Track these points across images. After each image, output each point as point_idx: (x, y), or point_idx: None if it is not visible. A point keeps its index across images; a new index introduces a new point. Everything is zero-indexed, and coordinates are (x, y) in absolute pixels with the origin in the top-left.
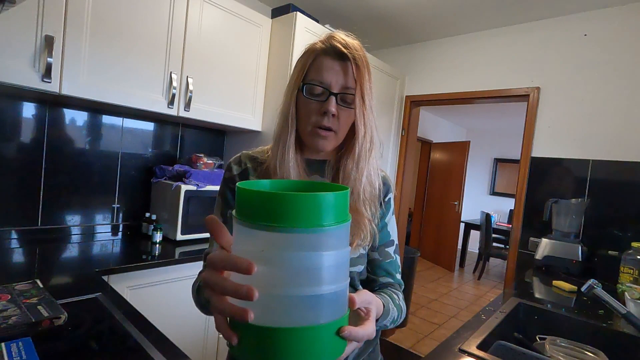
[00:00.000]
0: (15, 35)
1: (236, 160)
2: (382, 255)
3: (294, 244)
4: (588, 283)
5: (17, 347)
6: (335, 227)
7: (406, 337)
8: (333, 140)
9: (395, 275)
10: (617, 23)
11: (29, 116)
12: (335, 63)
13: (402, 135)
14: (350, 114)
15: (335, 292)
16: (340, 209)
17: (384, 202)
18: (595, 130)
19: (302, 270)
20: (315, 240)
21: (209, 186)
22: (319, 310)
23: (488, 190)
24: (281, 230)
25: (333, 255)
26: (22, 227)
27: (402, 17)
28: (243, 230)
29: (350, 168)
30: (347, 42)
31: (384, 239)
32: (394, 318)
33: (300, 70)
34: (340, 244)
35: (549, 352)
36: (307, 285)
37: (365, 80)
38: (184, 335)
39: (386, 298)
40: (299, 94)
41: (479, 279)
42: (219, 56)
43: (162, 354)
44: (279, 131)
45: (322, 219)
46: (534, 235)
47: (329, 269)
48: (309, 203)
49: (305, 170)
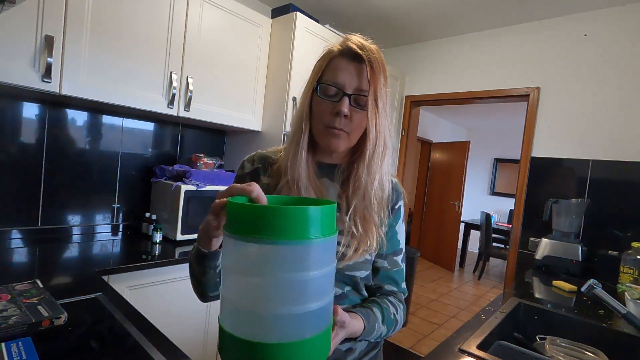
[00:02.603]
0: (15, 35)
1: (250, 159)
2: (390, 264)
3: (281, 256)
4: (588, 283)
5: (17, 347)
6: (322, 239)
7: (406, 337)
8: (345, 141)
9: (400, 285)
10: (617, 23)
11: (29, 116)
12: (350, 65)
13: (402, 135)
14: (363, 116)
15: (320, 308)
16: (327, 222)
17: (394, 210)
18: (595, 130)
19: (289, 283)
20: (302, 252)
21: (209, 186)
22: (305, 325)
23: (488, 190)
24: (268, 241)
25: (319, 267)
26: (22, 227)
27: (402, 17)
28: (232, 243)
29: (362, 171)
30: (363, 44)
31: (394, 247)
32: (380, 334)
33: (316, 72)
34: (327, 257)
35: (549, 352)
36: (294, 300)
37: (380, 84)
38: (184, 335)
39: (374, 317)
40: (313, 94)
41: (479, 279)
42: (219, 56)
43: (162, 354)
44: (293, 131)
45: (309, 232)
46: (534, 235)
47: (316, 282)
48: (296, 215)
49: (316, 173)
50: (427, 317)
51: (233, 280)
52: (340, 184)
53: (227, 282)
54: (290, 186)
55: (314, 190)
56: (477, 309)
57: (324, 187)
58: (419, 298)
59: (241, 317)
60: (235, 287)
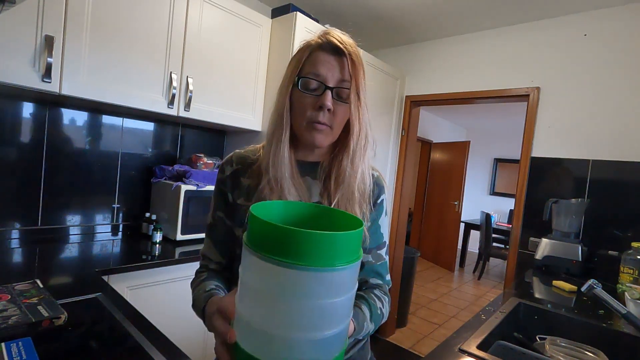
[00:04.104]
0: (15, 35)
1: (228, 161)
2: (374, 258)
3: (305, 282)
4: (588, 283)
5: (17, 347)
6: (349, 266)
7: (406, 337)
8: (329, 136)
9: (385, 277)
10: (617, 23)
11: (29, 116)
12: (331, 57)
13: (402, 135)
14: (345, 109)
15: (340, 332)
16: (353, 247)
17: (376, 204)
18: (595, 130)
19: (310, 310)
20: (328, 279)
21: (209, 186)
22: (323, 349)
23: (488, 190)
24: (294, 266)
25: (343, 294)
26: (22, 227)
27: (402, 17)
28: (254, 260)
29: (345, 165)
30: (342, 38)
31: (378, 241)
32: (368, 331)
33: (295, 66)
34: (351, 283)
35: (549, 352)
36: (315, 326)
37: (360, 77)
38: (184, 335)
39: (363, 316)
40: (293, 89)
41: (479, 279)
42: (219, 56)
43: (162, 354)
44: (273, 128)
45: (335, 259)
46: (534, 235)
47: (337, 307)
48: (324, 242)
49: (298, 172)
50: (427, 317)
51: (251, 296)
52: (322, 182)
53: (245, 298)
54: (272, 185)
55: (296, 189)
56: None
57: (307, 185)
58: (419, 298)
59: (258, 336)
60: (253, 304)
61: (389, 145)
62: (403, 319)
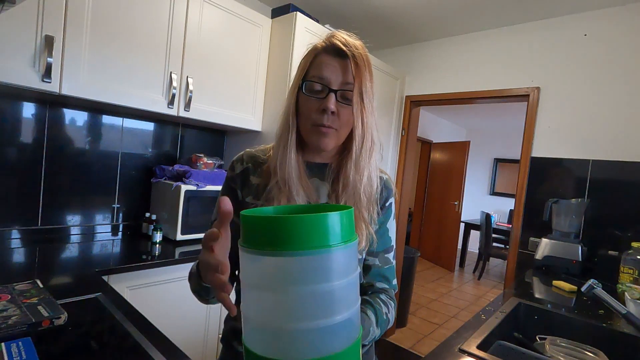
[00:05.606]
0: (15, 35)
1: (239, 158)
2: (381, 262)
3: (301, 267)
4: (588, 283)
5: (17, 347)
6: (343, 246)
7: (406, 337)
8: (334, 138)
9: (391, 281)
10: (617, 23)
11: (29, 116)
12: (334, 60)
13: (402, 135)
14: (350, 112)
15: (348, 319)
16: (346, 228)
17: (384, 207)
18: (595, 130)
19: (313, 295)
20: (323, 262)
21: (209, 186)
22: (334, 338)
23: (488, 190)
24: (286, 253)
25: (342, 276)
26: (22, 227)
27: (402, 17)
28: (249, 257)
29: (350, 168)
30: (347, 40)
31: (385, 245)
32: (374, 337)
33: (302, 69)
34: (349, 265)
35: (549, 352)
36: (320, 313)
37: (365, 79)
38: (184, 335)
39: (369, 321)
40: (299, 92)
41: (479, 279)
42: (219, 56)
43: (162, 354)
44: (280, 131)
45: (328, 239)
46: (534, 235)
47: (340, 291)
48: (312, 224)
49: (306, 173)
50: (427, 317)
51: (254, 296)
52: (330, 183)
53: (248, 299)
54: (281, 186)
55: (304, 191)
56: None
57: (315, 187)
58: (419, 298)
59: (266, 335)
60: (256, 303)
61: (389, 145)
62: (403, 319)
